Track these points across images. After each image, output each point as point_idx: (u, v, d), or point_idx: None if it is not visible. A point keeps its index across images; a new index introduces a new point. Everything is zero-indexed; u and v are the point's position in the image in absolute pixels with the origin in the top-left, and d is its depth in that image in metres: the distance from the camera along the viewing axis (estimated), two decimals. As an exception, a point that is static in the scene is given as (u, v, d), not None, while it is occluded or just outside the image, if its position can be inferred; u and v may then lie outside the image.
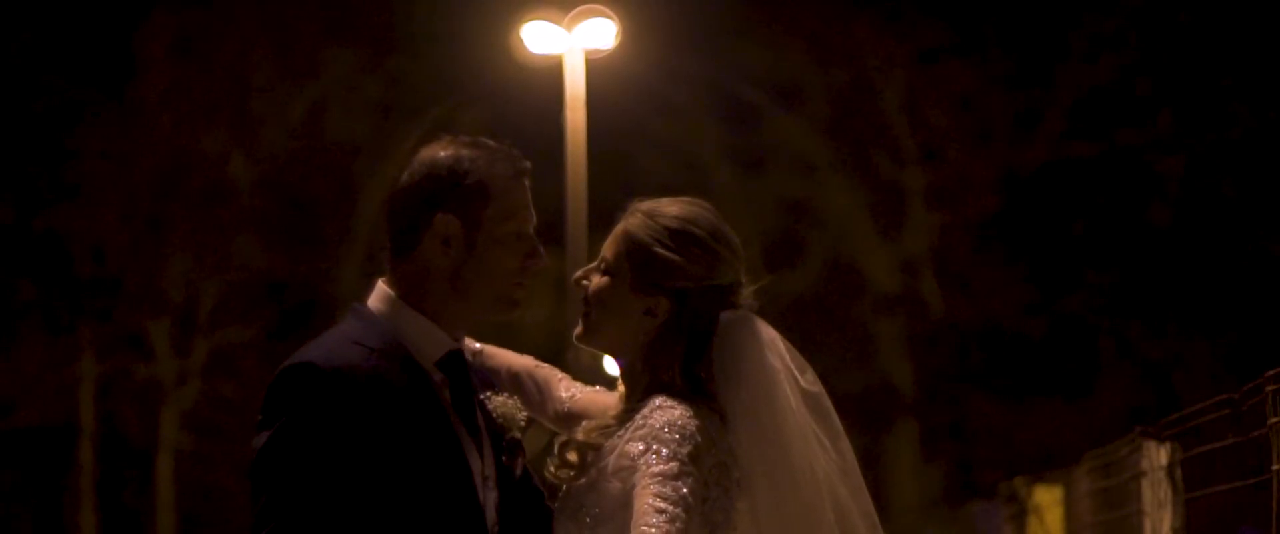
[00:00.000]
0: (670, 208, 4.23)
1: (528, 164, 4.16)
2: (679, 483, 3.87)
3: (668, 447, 3.92)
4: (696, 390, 4.09)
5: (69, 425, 30.18)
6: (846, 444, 4.23)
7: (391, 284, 4.12)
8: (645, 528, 3.78)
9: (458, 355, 4.13)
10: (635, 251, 4.19)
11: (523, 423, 4.24)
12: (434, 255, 4.06)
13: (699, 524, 3.98)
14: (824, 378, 4.27)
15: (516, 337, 4.72)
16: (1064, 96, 29.84)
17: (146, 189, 29.77)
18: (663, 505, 3.82)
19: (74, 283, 29.88)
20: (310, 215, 30.67)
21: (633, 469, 3.92)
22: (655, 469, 3.89)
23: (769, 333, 4.18)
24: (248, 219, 30.20)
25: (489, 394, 4.22)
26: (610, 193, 4.39)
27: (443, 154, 4.09)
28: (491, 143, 4.14)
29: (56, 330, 29.87)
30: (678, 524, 3.80)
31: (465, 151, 4.09)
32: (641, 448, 3.94)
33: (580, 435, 4.13)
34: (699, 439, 3.97)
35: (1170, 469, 9.57)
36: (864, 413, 28.19)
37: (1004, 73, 29.76)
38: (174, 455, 30.20)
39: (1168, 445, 9.66)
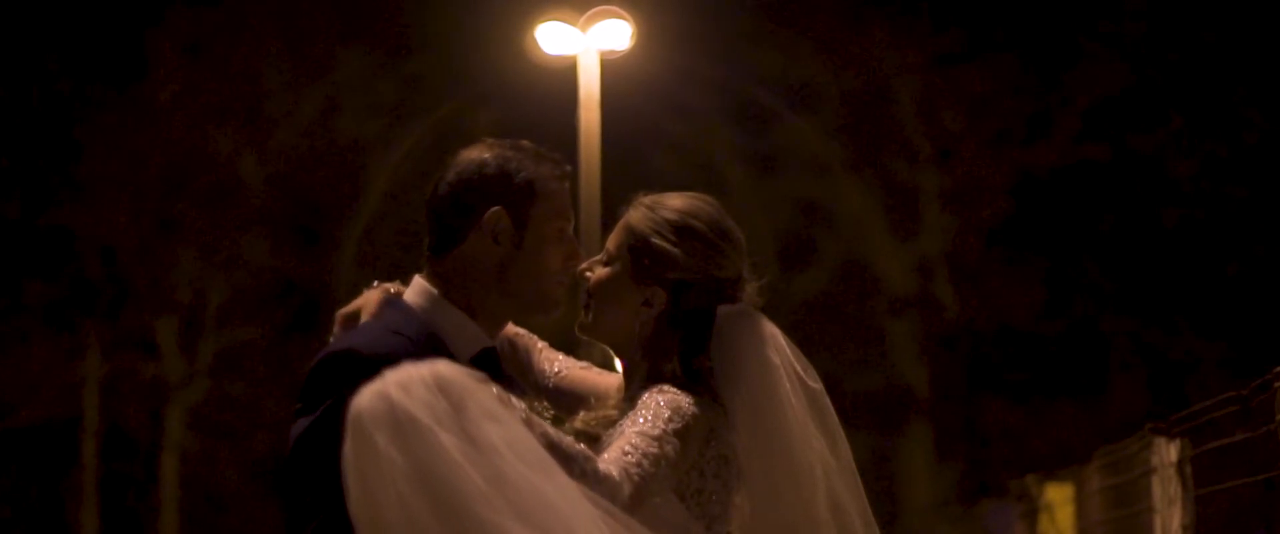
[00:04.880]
0: (672, 201, 4.28)
1: (569, 167, 4.22)
2: (655, 444, 3.89)
3: (658, 419, 3.95)
4: (697, 382, 4.12)
5: (73, 424, 30.12)
6: (844, 443, 4.24)
7: (431, 280, 4.15)
8: (605, 458, 3.80)
9: (492, 353, 4.16)
10: (635, 243, 4.24)
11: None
12: (480, 251, 4.10)
13: (693, 517, 4.01)
14: (837, 378, 4.29)
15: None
16: (1077, 100, 29.82)
17: (156, 188, 29.71)
18: (629, 450, 3.85)
19: (81, 281, 29.83)
20: (320, 215, 30.61)
21: None
22: (637, 428, 3.93)
23: (770, 328, 4.20)
24: (257, 218, 30.13)
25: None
26: (623, 193, 4.41)
27: (489, 155, 4.14)
28: (531, 145, 4.19)
29: (62, 328, 29.78)
30: (638, 472, 3.81)
31: (511, 153, 4.14)
32: (631, 421, 3.98)
33: (579, 425, 4.15)
34: (690, 421, 3.99)
35: (1180, 466, 9.59)
36: (878, 413, 28.19)
37: (1018, 76, 29.74)
38: (179, 455, 30.13)
39: (1178, 442, 9.68)
